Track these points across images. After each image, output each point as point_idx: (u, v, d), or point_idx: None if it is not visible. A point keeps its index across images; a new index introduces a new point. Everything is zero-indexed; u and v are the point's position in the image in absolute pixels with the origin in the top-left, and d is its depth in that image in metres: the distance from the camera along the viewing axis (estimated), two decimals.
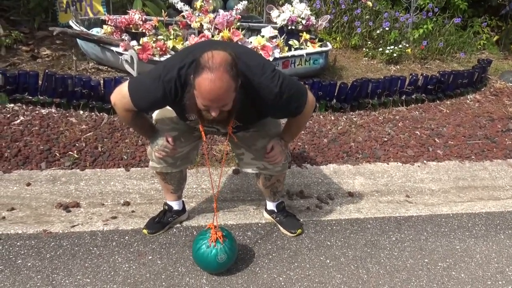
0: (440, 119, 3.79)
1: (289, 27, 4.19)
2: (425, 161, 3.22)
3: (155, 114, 2.07)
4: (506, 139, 3.61)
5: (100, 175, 2.72)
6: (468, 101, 4.21)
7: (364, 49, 4.99)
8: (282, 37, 4.02)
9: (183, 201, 2.37)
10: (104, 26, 3.89)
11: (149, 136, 2.00)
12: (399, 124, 3.62)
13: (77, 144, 2.91)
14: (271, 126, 2.06)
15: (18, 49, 4.05)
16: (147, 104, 1.78)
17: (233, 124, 1.81)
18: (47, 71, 3.24)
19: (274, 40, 3.90)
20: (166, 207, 2.30)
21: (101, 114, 3.22)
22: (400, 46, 4.81)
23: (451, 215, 2.64)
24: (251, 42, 3.77)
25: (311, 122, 3.48)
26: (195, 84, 1.54)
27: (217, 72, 1.49)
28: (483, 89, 4.49)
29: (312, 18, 4.24)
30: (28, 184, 2.57)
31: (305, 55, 3.92)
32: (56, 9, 4.43)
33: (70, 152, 2.85)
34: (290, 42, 4.04)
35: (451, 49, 5.24)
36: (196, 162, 2.81)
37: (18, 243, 2.12)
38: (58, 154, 2.82)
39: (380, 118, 3.67)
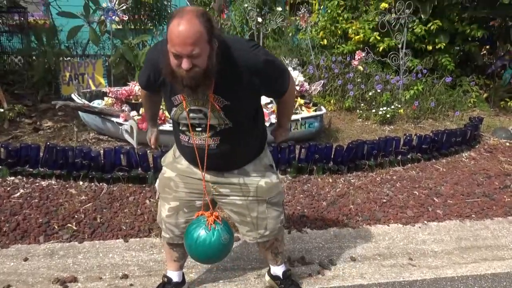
0: (438, 178, 3.81)
1: None
2: (425, 222, 3.20)
3: (158, 186, 2.13)
4: (505, 196, 3.61)
5: (98, 247, 2.69)
6: (463, 158, 4.27)
7: (358, 110, 5.13)
8: None
9: (183, 273, 2.33)
10: (105, 98, 4.02)
11: (148, 120, 2.26)
12: (397, 185, 3.65)
13: (76, 216, 2.91)
14: (275, 193, 2.06)
15: (20, 122, 4.16)
16: (142, 78, 1.93)
17: (219, 102, 1.76)
18: (48, 143, 3.30)
19: (270, 105, 4.02)
20: (165, 279, 2.26)
21: (100, 184, 3.25)
22: (392, 107, 4.95)
23: (456, 278, 2.59)
24: None
25: (309, 185, 3.50)
26: (167, 37, 1.57)
27: (186, 16, 1.53)
28: (477, 146, 4.57)
29: (306, 84, 4.40)
30: (26, 259, 2.54)
31: (300, 119, 4.02)
32: (59, 82, 4.61)
33: (69, 224, 2.83)
34: None
35: (442, 108, 5.39)
36: None
37: None
38: (56, 227, 2.81)
39: (377, 179, 3.70)
